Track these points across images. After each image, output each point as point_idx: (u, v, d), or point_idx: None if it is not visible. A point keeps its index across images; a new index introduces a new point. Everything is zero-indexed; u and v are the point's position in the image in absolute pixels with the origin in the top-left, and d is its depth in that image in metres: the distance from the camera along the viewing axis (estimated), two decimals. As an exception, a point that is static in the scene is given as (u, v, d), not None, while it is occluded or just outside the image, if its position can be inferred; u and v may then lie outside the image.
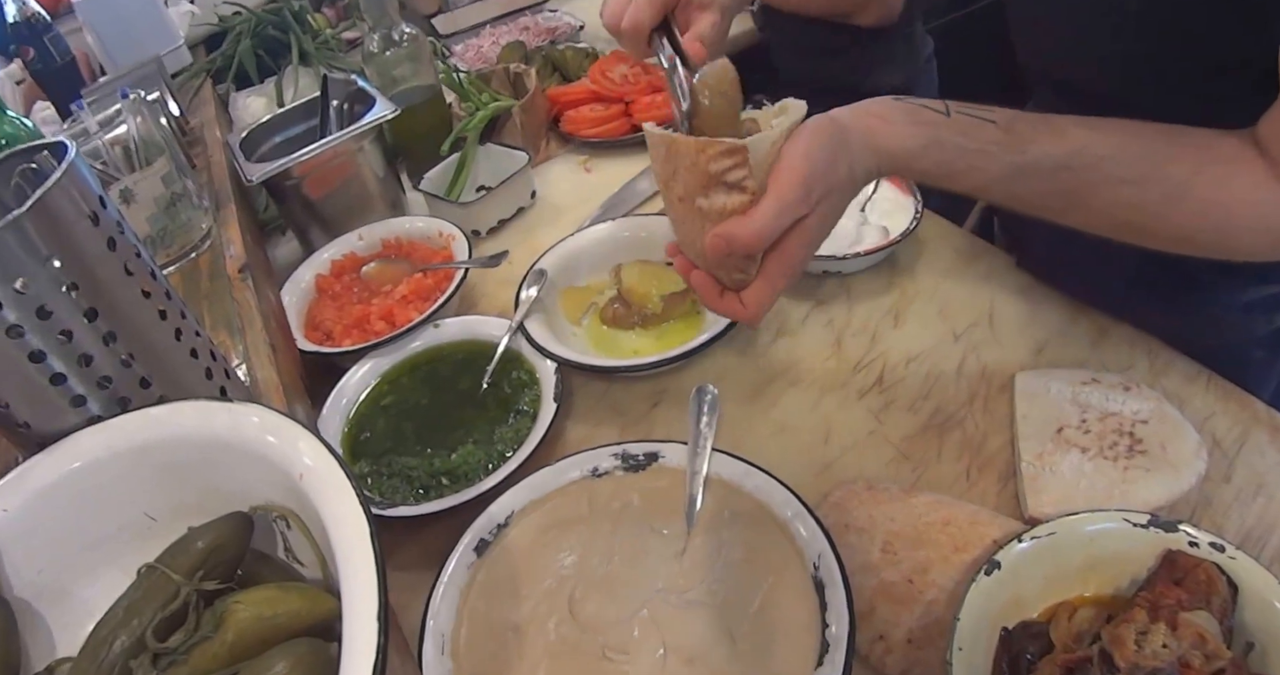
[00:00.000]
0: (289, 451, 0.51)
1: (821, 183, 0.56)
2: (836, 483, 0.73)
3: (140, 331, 0.63)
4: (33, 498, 0.60)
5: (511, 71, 1.36)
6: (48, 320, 0.57)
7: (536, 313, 0.93)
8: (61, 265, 0.57)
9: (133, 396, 0.63)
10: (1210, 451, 0.70)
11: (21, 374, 0.59)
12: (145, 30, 1.53)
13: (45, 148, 0.66)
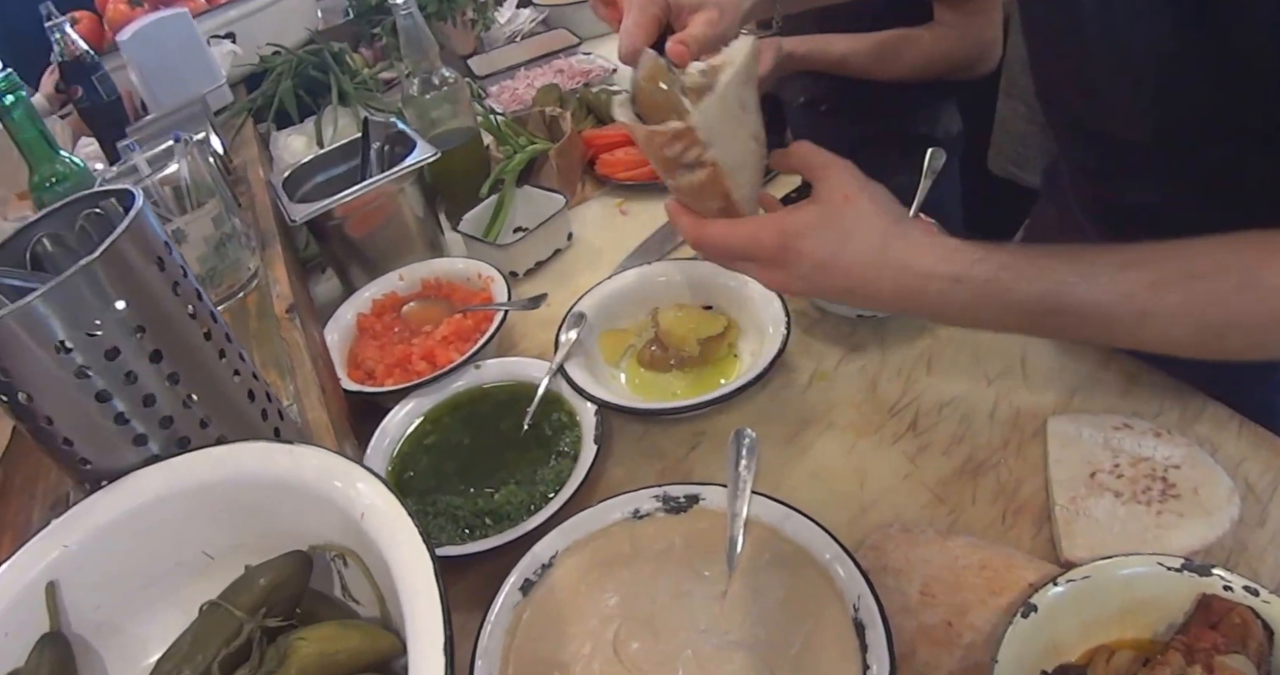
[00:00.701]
0: (350, 492, 0.54)
1: (808, 260, 0.60)
2: (873, 526, 0.74)
3: (201, 373, 0.66)
4: (93, 534, 0.62)
5: (547, 115, 1.40)
6: (114, 361, 0.61)
7: (576, 354, 0.96)
8: (129, 309, 0.61)
9: (192, 436, 0.66)
10: (1243, 496, 0.71)
11: (87, 413, 0.62)
12: (188, 69, 1.59)
13: (112, 194, 0.69)
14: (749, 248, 0.61)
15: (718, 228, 0.62)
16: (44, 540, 0.62)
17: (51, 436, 0.63)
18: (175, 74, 1.57)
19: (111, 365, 0.60)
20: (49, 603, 0.60)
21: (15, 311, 0.56)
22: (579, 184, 1.38)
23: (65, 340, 0.58)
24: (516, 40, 1.95)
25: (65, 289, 0.57)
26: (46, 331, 0.57)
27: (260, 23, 1.74)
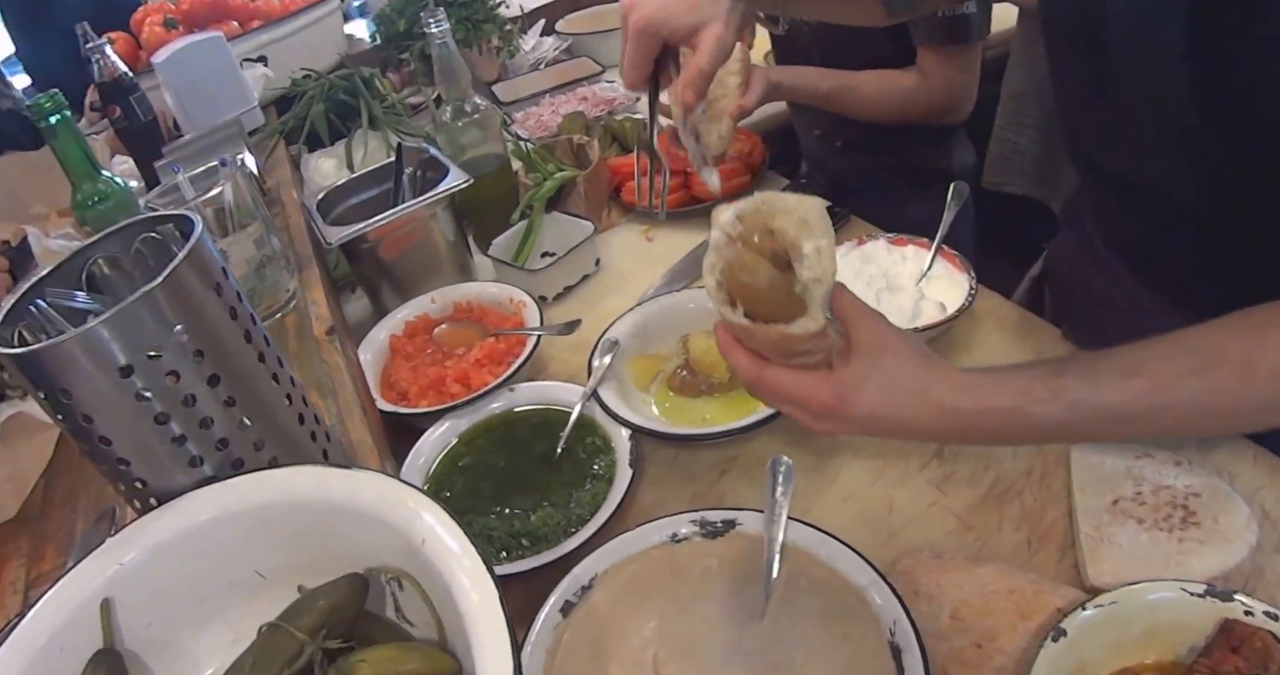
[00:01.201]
0: (410, 518, 0.56)
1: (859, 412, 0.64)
2: (903, 551, 0.76)
3: (256, 396, 0.68)
4: (148, 553, 0.63)
5: (575, 142, 1.43)
6: (174, 385, 0.62)
7: (608, 379, 0.98)
8: (189, 334, 0.62)
9: (246, 458, 0.68)
10: (1260, 523, 0.73)
11: (145, 435, 0.63)
12: (222, 91, 1.62)
13: (170, 219, 0.71)
14: (806, 401, 0.65)
15: (778, 377, 0.65)
16: (100, 558, 0.64)
17: (108, 456, 0.64)
18: (209, 96, 1.60)
19: (171, 389, 0.62)
20: (103, 619, 0.62)
21: (79, 336, 0.58)
22: (605, 211, 1.41)
23: (127, 364, 0.60)
24: (540, 68, 1.99)
25: (127, 314, 0.59)
26: (108, 355, 0.59)
27: (291, 47, 1.78)
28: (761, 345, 0.64)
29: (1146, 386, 0.62)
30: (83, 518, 0.93)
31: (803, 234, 0.60)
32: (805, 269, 0.59)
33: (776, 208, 0.62)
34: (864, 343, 0.65)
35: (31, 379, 0.61)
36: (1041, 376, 0.63)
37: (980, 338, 1.02)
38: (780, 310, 0.61)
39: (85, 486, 0.96)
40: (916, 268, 1.09)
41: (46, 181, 1.40)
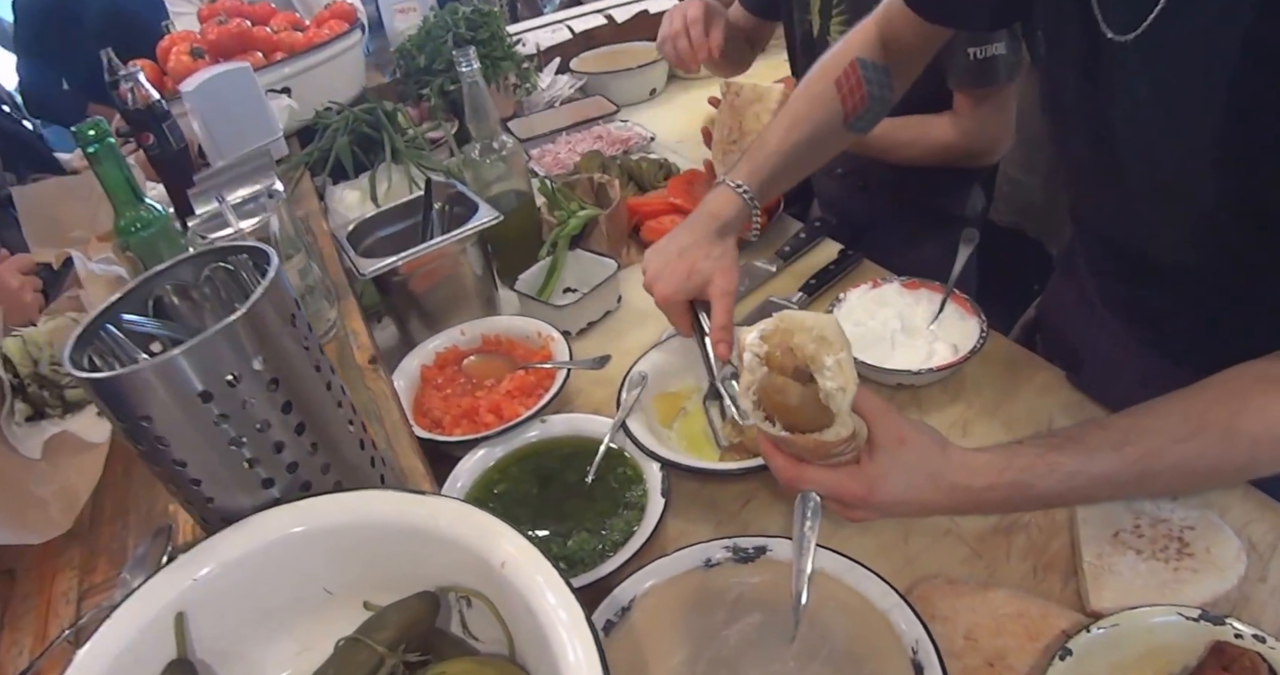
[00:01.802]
0: (490, 542, 0.62)
1: (886, 498, 0.74)
2: (919, 577, 0.84)
3: (323, 422, 0.74)
4: (221, 568, 0.68)
5: (596, 182, 1.51)
6: (250, 411, 0.67)
7: (635, 414, 1.06)
8: (266, 363, 0.68)
9: (314, 481, 0.74)
10: (1249, 554, 0.81)
11: (221, 457, 0.68)
12: (249, 121, 1.69)
13: (244, 250, 0.78)
14: (840, 494, 0.75)
15: (815, 475, 0.75)
16: (174, 572, 0.68)
17: (181, 477, 0.69)
18: (236, 125, 1.67)
19: (247, 414, 0.67)
20: (177, 631, 0.66)
21: (161, 363, 0.63)
22: (625, 248, 1.49)
23: (207, 390, 0.65)
24: (555, 105, 2.08)
25: (210, 344, 0.64)
26: (189, 382, 0.64)
27: (313, 79, 1.86)
28: (800, 451, 0.74)
29: (1136, 455, 0.71)
30: (134, 533, 0.99)
31: (823, 349, 0.69)
32: (829, 380, 0.68)
33: (794, 327, 0.71)
34: (884, 437, 0.75)
35: (110, 403, 0.65)
36: (1041, 453, 0.73)
37: (990, 378, 1.11)
38: (812, 419, 0.70)
39: (134, 503, 1.03)
40: (929, 310, 1.18)
41: (85, 206, 1.46)
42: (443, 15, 1.94)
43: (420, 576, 0.68)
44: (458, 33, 1.88)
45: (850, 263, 1.38)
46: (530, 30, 2.26)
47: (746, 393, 0.71)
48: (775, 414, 0.71)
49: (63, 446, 1.04)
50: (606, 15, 2.31)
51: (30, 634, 0.90)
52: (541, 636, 0.56)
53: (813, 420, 0.69)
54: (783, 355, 0.70)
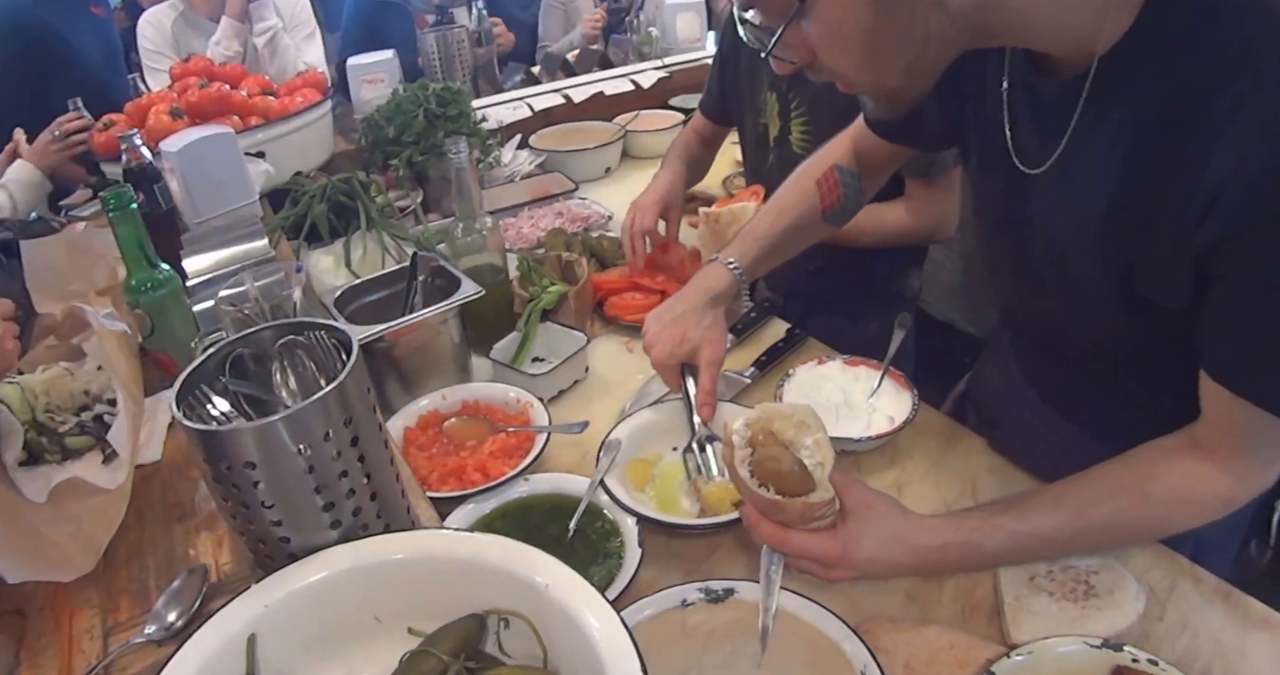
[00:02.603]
0: (533, 569, 0.80)
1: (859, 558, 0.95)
2: (864, 617, 1.03)
3: (381, 473, 0.91)
4: (289, 596, 0.82)
5: (563, 259, 1.71)
6: (335, 462, 0.84)
7: (612, 473, 1.23)
8: (349, 423, 0.86)
9: (370, 522, 0.90)
10: (1147, 596, 1.01)
11: (305, 500, 0.84)
12: (228, 184, 1.81)
13: (322, 327, 0.95)
14: (819, 555, 0.95)
15: (797, 539, 0.95)
16: (249, 599, 0.82)
17: (263, 518, 0.85)
18: (216, 187, 1.78)
19: (331, 465, 0.84)
20: (248, 652, 0.80)
21: (283, 418, 0.79)
22: (590, 322, 1.68)
23: (307, 444, 0.82)
24: (516, 180, 2.28)
25: (316, 406, 0.80)
26: (297, 436, 0.80)
27: (286, 144, 2.03)
28: (786, 516, 0.94)
29: (1068, 516, 0.94)
30: (154, 574, 1.10)
31: (802, 431, 0.92)
32: (810, 458, 0.91)
33: (774, 414, 0.96)
34: (855, 504, 0.96)
35: (216, 450, 0.81)
36: (987, 516, 0.96)
37: (921, 445, 1.32)
38: (798, 486, 0.92)
39: (150, 547, 1.14)
40: (868, 385, 1.39)
41: (86, 261, 1.59)
42: (413, 90, 2.14)
43: (462, 603, 0.84)
44: (428, 108, 2.07)
45: (797, 341, 1.60)
46: (492, 106, 2.47)
47: (742, 465, 0.91)
48: (767, 481, 0.91)
49: (72, 492, 1.14)
50: (564, 95, 2.54)
51: (54, 669, 0.99)
52: (587, 645, 0.73)
53: (799, 486, 0.90)
54: (765, 438, 0.91)
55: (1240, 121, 0.75)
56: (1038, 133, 0.93)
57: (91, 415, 1.31)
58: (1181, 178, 0.79)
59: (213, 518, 1.14)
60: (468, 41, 2.62)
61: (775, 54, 0.88)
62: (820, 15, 0.81)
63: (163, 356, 1.40)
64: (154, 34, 2.84)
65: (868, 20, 0.80)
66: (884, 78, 0.87)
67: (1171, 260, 0.85)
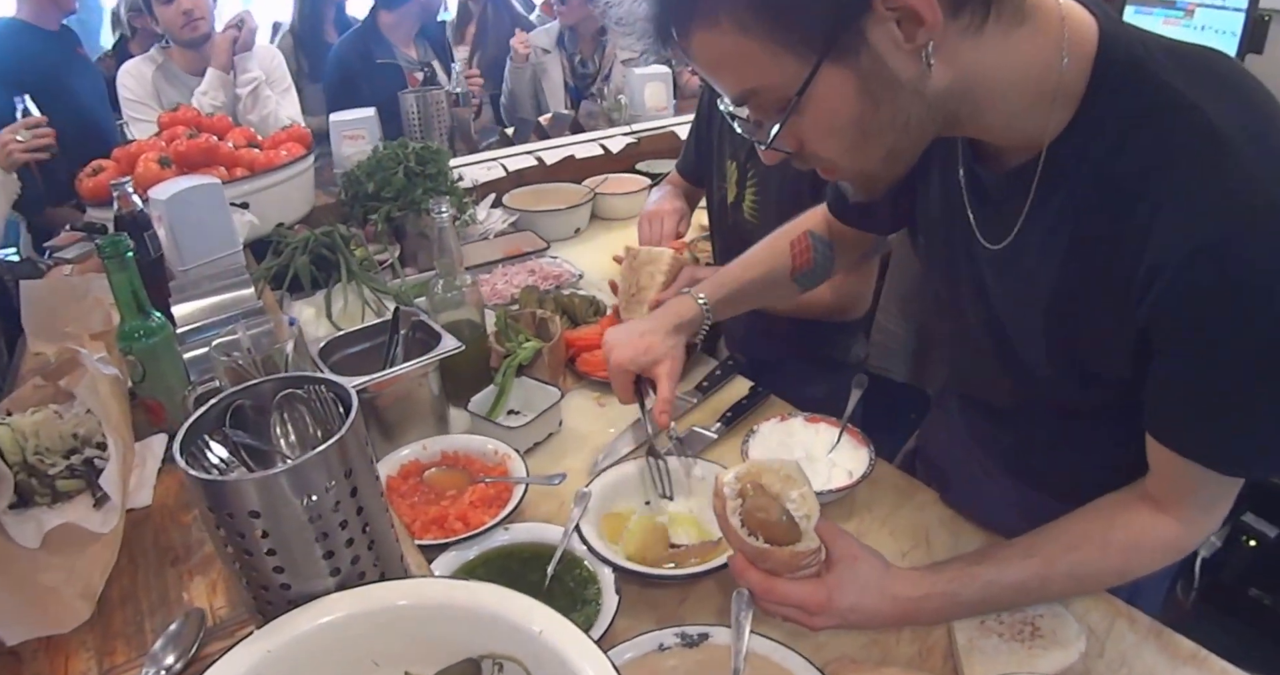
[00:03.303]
0: (527, 615, 0.85)
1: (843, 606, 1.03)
2: (829, 659, 1.09)
3: (378, 523, 0.95)
4: (290, 642, 0.86)
5: (538, 316, 1.77)
6: (336, 513, 0.89)
7: (590, 525, 1.29)
8: (350, 474, 0.91)
9: (367, 571, 0.94)
10: (1088, 636, 1.10)
11: (307, 549, 0.89)
12: (214, 233, 1.85)
13: (322, 382, 1.00)
14: (805, 603, 1.02)
15: (784, 587, 1.02)
16: (252, 644, 0.85)
17: (265, 565, 0.89)
18: (202, 236, 1.81)
19: (334, 515, 0.88)
20: None
21: (289, 469, 0.84)
22: (562, 377, 1.75)
23: (312, 494, 0.87)
24: (489, 238, 2.35)
25: (321, 457, 0.85)
26: (301, 486, 0.84)
27: (270, 196, 2.08)
28: (774, 564, 1.01)
29: (1037, 565, 1.02)
30: (149, 618, 1.13)
31: (788, 485, 1.00)
32: (796, 509, 0.98)
33: (763, 468, 1.04)
34: (840, 555, 1.04)
35: (222, 500, 0.86)
36: (963, 567, 1.04)
37: (878, 497, 1.41)
38: (785, 535, 1.00)
39: (144, 591, 1.17)
40: (828, 441, 1.47)
41: (82, 305, 1.63)
42: (393, 147, 2.21)
43: (458, 647, 0.88)
44: (408, 166, 2.14)
45: (760, 398, 1.67)
46: (467, 165, 2.55)
47: (733, 515, 0.98)
48: (756, 530, 0.98)
49: (65, 537, 1.18)
50: (537, 157, 2.64)
51: (49, 710, 1.03)
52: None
53: (786, 536, 0.97)
54: (754, 489, 0.98)
55: (1173, 209, 0.83)
56: (995, 217, 1.02)
57: (81, 459, 1.34)
58: (1122, 261, 0.88)
59: (205, 562, 1.17)
60: (446, 103, 2.71)
61: (759, 141, 0.94)
62: (812, 109, 0.87)
63: (152, 403, 1.43)
64: (134, 85, 2.89)
65: (856, 111, 0.86)
66: (867, 163, 0.94)
67: (1115, 336, 0.94)
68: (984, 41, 0.85)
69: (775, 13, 0.81)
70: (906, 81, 0.84)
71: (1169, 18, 3.17)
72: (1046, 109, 0.89)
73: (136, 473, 1.33)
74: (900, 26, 0.81)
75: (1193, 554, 1.93)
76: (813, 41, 0.82)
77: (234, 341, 1.36)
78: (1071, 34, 0.87)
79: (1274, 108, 0.86)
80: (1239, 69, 0.89)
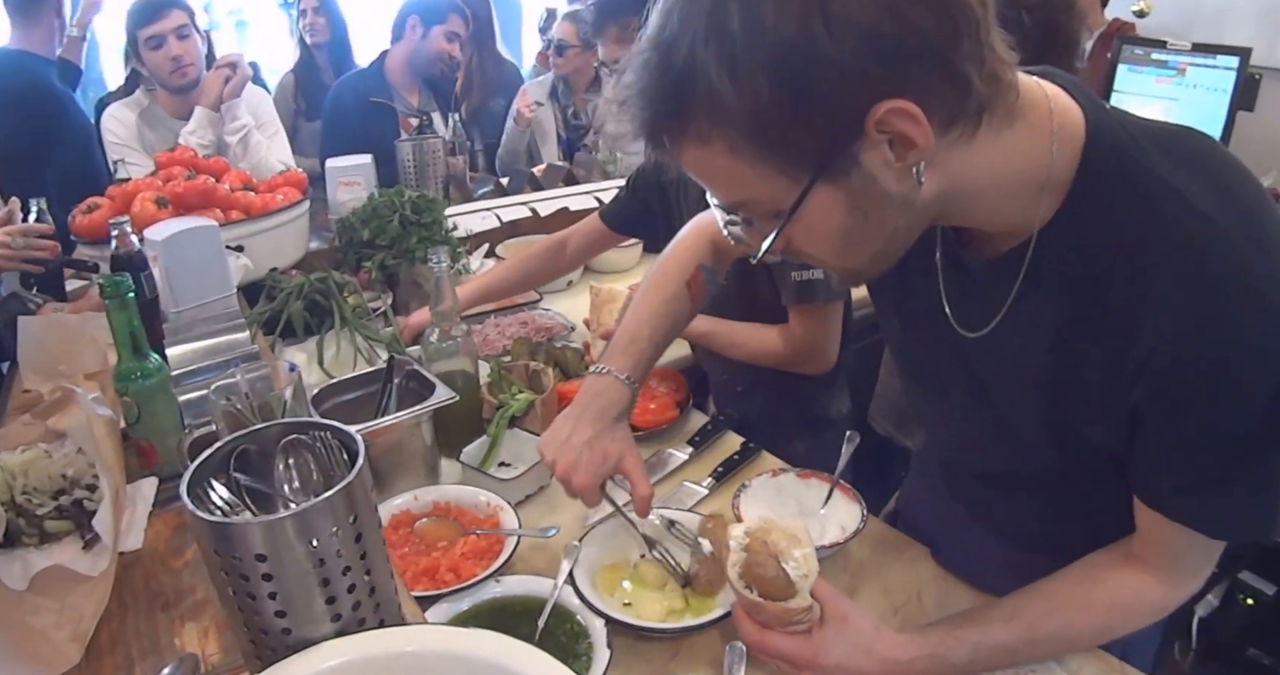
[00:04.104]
0: (527, 662, 0.87)
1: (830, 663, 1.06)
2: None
3: (379, 568, 0.97)
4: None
5: (530, 368, 1.81)
6: (339, 558, 0.91)
7: (583, 578, 1.31)
8: (355, 523, 0.93)
9: (367, 616, 0.96)
10: None
11: (310, 594, 0.91)
12: (208, 276, 1.89)
13: (328, 428, 1.02)
14: (793, 657, 1.06)
15: (775, 640, 1.07)
16: None
17: (266, 609, 0.92)
18: (196, 278, 1.85)
19: (338, 560, 0.91)
20: None
21: (297, 514, 0.87)
22: (555, 429, 1.77)
23: (316, 538, 0.89)
24: (483, 287, 2.39)
25: (328, 503, 0.88)
26: (307, 530, 0.86)
27: (264, 240, 2.12)
28: (767, 617, 1.06)
29: (1022, 627, 1.06)
30: (139, 662, 1.13)
31: (793, 545, 1.05)
32: (794, 568, 1.04)
33: (772, 526, 1.10)
34: (832, 615, 1.07)
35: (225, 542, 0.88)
36: (949, 630, 1.07)
37: (870, 553, 1.44)
38: (780, 591, 1.04)
39: (134, 635, 1.17)
40: (820, 496, 1.51)
41: (78, 344, 1.64)
42: (389, 195, 2.25)
43: None
44: (404, 214, 2.18)
45: (751, 454, 1.71)
46: (462, 215, 2.60)
47: (733, 567, 1.01)
48: (753, 584, 1.01)
49: (54, 579, 1.18)
50: (531, 208, 2.69)
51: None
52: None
53: (781, 592, 1.00)
54: (759, 546, 1.02)
55: (1161, 291, 0.88)
56: (977, 301, 1.04)
57: (70, 500, 1.35)
58: (1113, 345, 0.92)
59: (197, 607, 1.18)
60: (442, 151, 2.76)
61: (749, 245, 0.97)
62: (804, 220, 0.88)
63: (145, 445, 1.45)
64: (118, 128, 2.90)
65: (845, 224, 0.89)
66: (853, 263, 0.97)
67: (1105, 413, 0.98)
68: (975, 147, 0.87)
69: (767, 140, 0.83)
70: (896, 196, 0.87)
71: (1161, 76, 3.24)
72: (1035, 197, 0.92)
73: (127, 515, 1.34)
74: (892, 147, 0.82)
75: (1189, 613, 1.97)
76: (804, 164, 0.84)
77: (233, 385, 1.38)
78: (1060, 124, 0.91)
79: (1254, 187, 0.90)
80: (1220, 151, 0.94)
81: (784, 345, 1.85)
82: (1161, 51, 3.24)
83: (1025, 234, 0.96)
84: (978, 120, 0.85)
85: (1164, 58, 3.23)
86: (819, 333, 1.85)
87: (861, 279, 1.05)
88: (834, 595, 1.09)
